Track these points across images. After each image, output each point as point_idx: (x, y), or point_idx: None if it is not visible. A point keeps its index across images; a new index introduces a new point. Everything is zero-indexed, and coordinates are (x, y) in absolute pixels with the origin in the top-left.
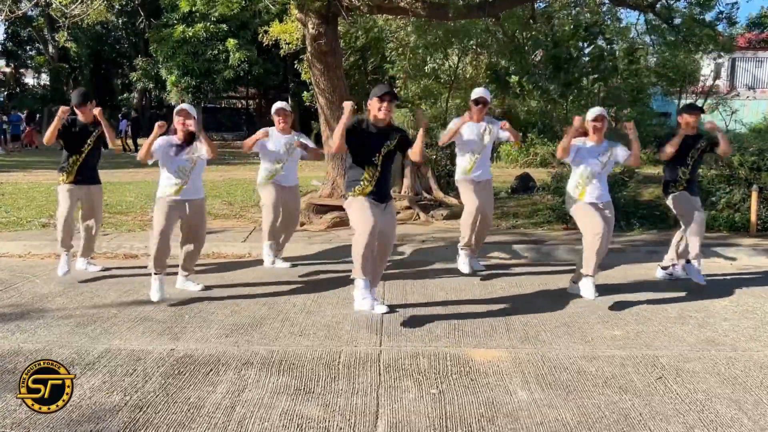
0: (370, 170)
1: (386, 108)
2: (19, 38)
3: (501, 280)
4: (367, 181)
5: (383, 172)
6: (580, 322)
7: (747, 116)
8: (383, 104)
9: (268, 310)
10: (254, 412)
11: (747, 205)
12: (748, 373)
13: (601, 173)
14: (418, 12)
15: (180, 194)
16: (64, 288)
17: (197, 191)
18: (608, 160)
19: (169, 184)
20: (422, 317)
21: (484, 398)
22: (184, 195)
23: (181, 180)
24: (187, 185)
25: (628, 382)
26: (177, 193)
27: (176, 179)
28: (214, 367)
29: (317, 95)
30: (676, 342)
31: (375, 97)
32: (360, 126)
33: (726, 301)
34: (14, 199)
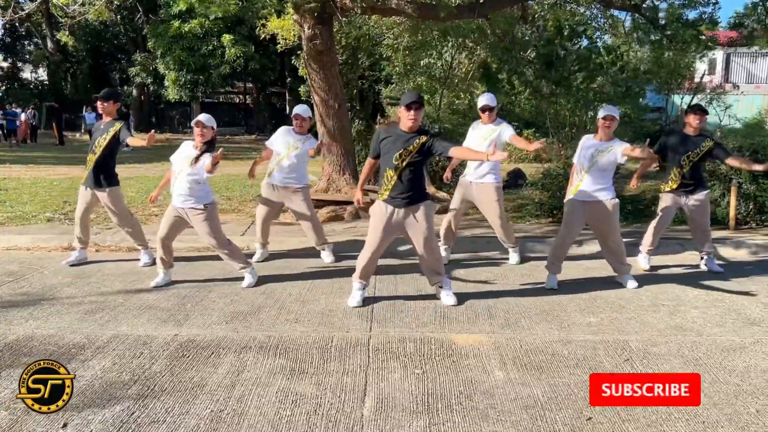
0: (390, 172)
1: (414, 117)
2: (16, 33)
3: (486, 271)
4: (387, 182)
5: (406, 175)
6: (558, 310)
7: (741, 111)
8: (410, 113)
9: (265, 299)
10: (252, 390)
11: (727, 200)
12: (710, 355)
13: (593, 169)
14: (409, 12)
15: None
16: (72, 279)
17: (207, 197)
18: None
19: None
20: (411, 306)
21: (463, 377)
22: (188, 203)
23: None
24: (188, 194)
25: (598, 364)
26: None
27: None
28: (215, 351)
29: (313, 93)
30: (647, 328)
31: (403, 106)
32: (389, 131)
33: (697, 290)
34: (18, 194)
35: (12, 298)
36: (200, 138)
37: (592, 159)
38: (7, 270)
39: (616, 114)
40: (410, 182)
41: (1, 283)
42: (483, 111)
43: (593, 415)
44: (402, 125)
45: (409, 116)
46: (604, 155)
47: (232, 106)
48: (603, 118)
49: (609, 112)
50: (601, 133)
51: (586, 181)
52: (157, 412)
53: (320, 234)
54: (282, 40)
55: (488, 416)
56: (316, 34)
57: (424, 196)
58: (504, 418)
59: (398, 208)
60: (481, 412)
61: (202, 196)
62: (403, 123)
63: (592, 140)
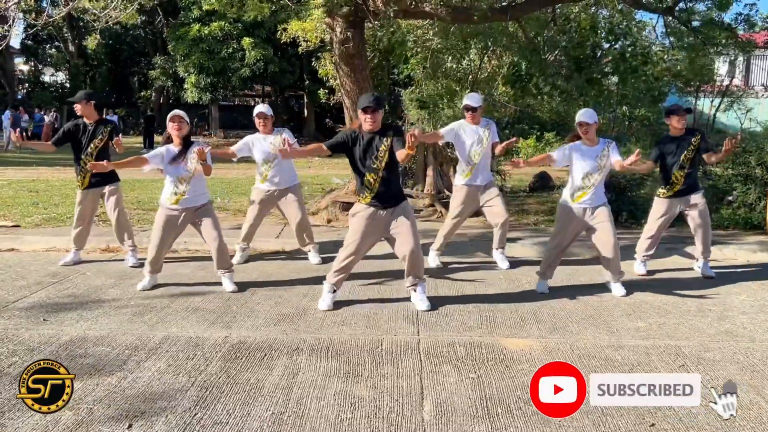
0: (371, 176)
1: (370, 119)
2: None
3: (526, 275)
4: (369, 188)
5: (386, 175)
6: (604, 315)
7: (762, 114)
8: (366, 116)
9: (309, 301)
10: (310, 393)
11: (763, 204)
12: (766, 362)
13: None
14: (443, 16)
15: (179, 203)
16: (115, 280)
17: (197, 199)
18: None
19: (168, 193)
20: (455, 309)
21: (519, 382)
22: (183, 204)
23: (180, 189)
24: (187, 195)
25: (653, 370)
26: (176, 203)
27: (174, 188)
28: (268, 353)
29: (343, 97)
30: (697, 333)
31: (359, 109)
32: (352, 136)
33: (744, 295)
34: (49, 195)
35: (59, 299)
36: (177, 133)
37: (598, 167)
38: (50, 271)
39: (591, 119)
40: (390, 183)
41: (47, 284)
42: (467, 111)
43: (656, 422)
44: (364, 129)
45: (366, 119)
46: (606, 161)
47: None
48: (578, 124)
49: (584, 118)
50: (586, 139)
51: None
52: (220, 414)
53: (310, 235)
54: (303, 42)
55: (550, 421)
56: (348, 37)
57: (403, 196)
58: (566, 423)
59: (381, 210)
60: (541, 417)
61: (204, 193)
62: (363, 126)
63: (583, 147)
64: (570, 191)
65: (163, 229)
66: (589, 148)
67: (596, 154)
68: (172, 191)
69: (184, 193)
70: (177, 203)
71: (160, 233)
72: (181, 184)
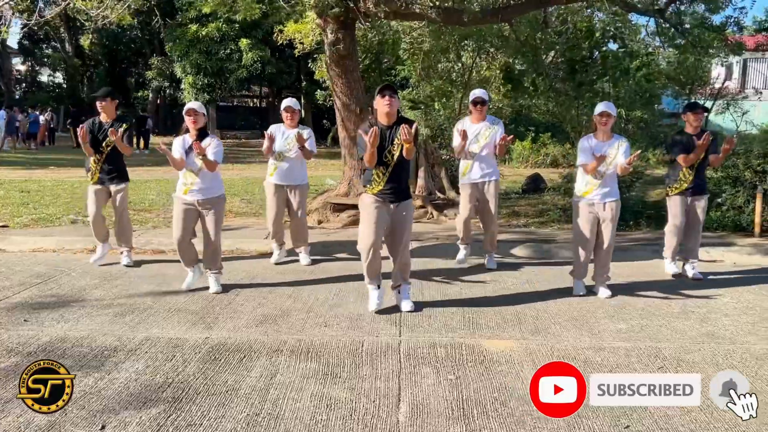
0: (381, 168)
1: (388, 103)
2: (35, 36)
3: (512, 277)
4: (378, 179)
5: (395, 169)
6: (587, 317)
7: (758, 117)
8: (384, 99)
9: (293, 302)
10: (287, 394)
11: (752, 206)
12: (745, 363)
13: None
14: (433, 17)
15: (188, 194)
16: (100, 281)
17: (206, 191)
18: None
19: (180, 184)
20: (438, 311)
21: (497, 384)
22: (192, 195)
23: (189, 180)
24: (195, 186)
25: (632, 371)
26: (185, 193)
27: (184, 179)
28: (247, 354)
29: (334, 97)
30: (678, 335)
31: (377, 95)
32: (370, 128)
33: (727, 297)
34: (41, 196)
35: (42, 299)
36: (194, 126)
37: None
38: (35, 272)
39: (613, 111)
40: (400, 177)
41: (30, 284)
42: (474, 105)
43: (631, 423)
44: (383, 114)
45: (384, 102)
46: (615, 157)
47: (247, 109)
48: (600, 114)
49: (606, 108)
50: (601, 132)
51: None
52: (194, 416)
53: (305, 237)
54: (299, 44)
55: (525, 423)
56: (339, 39)
57: (409, 194)
58: (541, 425)
59: (389, 203)
60: (517, 419)
61: (214, 186)
62: (383, 110)
63: (594, 140)
64: (580, 185)
65: (182, 221)
66: (600, 143)
67: (608, 148)
68: (183, 182)
69: (193, 184)
70: (186, 193)
71: (179, 224)
72: (191, 176)
